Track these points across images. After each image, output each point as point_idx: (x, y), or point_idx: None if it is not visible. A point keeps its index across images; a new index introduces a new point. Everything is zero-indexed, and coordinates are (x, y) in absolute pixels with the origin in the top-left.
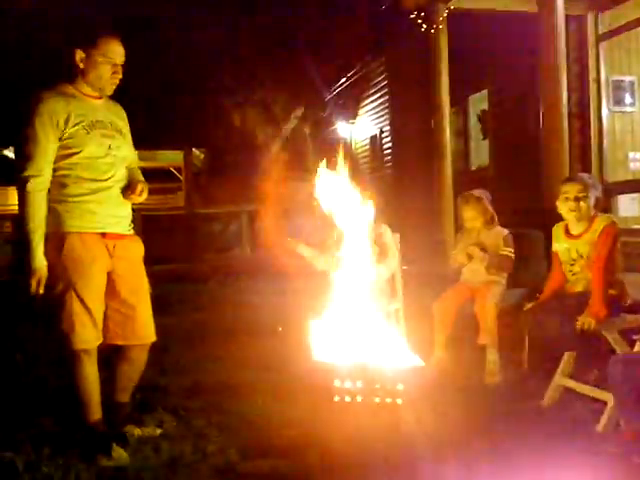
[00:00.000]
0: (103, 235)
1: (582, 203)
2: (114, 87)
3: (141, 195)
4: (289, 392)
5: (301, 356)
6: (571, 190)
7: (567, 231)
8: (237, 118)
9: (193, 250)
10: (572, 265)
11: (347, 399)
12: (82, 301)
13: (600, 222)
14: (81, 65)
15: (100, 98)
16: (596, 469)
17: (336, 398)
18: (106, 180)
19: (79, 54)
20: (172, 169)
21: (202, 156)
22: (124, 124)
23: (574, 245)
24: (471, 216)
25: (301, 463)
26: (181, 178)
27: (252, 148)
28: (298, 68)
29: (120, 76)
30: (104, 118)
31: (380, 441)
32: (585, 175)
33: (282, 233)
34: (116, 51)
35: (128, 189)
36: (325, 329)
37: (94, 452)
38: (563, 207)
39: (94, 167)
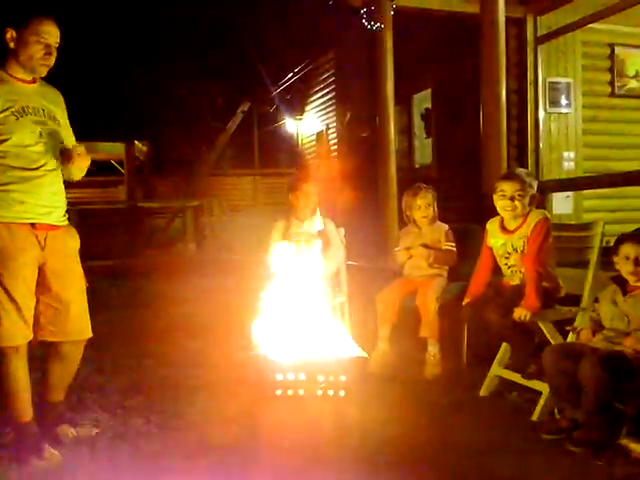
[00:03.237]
0: (33, 226)
1: (517, 202)
2: (46, 69)
3: (81, 156)
4: (230, 388)
5: (243, 351)
6: (508, 189)
7: (503, 226)
8: (182, 111)
9: (134, 245)
10: (507, 259)
11: (289, 392)
12: (9, 295)
13: (534, 217)
14: (11, 45)
15: (33, 82)
16: (532, 456)
17: (278, 392)
18: (36, 169)
19: (10, 33)
20: (113, 162)
21: (145, 149)
22: (60, 110)
23: (509, 240)
24: (423, 204)
25: (243, 459)
26: (123, 171)
27: (197, 142)
28: (245, 62)
29: (53, 58)
30: (37, 104)
31: (323, 434)
32: (523, 172)
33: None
34: (49, 32)
35: (65, 160)
36: (267, 323)
37: (26, 453)
38: (498, 203)
39: (23, 155)
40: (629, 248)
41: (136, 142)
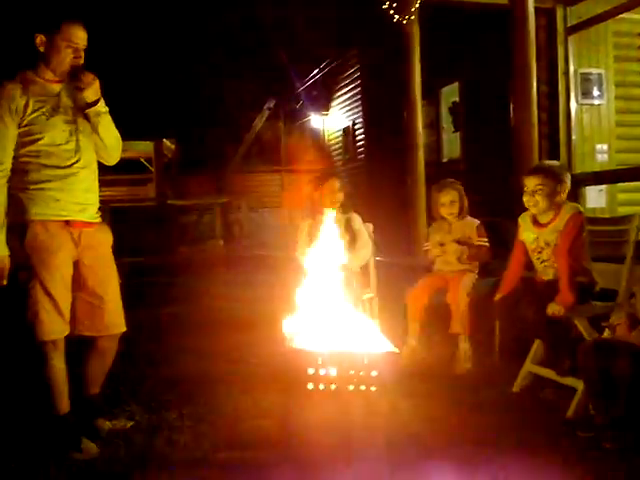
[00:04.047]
0: (67, 223)
1: (537, 197)
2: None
3: (87, 77)
4: (263, 382)
5: (275, 346)
6: (529, 184)
7: (535, 220)
8: (209, 109)
9: (165, 242)
10: (539, 253)
11: (321, 387)
12: (47, 291)
13: (566, 211)
14: (41, 49)
15: (62, 81)
16: (567, 454)
17: (310, 386)
18: (69, 167)
19: (40, 38)
20: (142, 160)
21: (173, 147)
22: None
23: (541, 234)
24: (447, 201)
25: (275, 453)
26: (152, 169)
27: (224, 139)
28: (271, 59)
29: (82, 61)
30: (66, 103)
31: (354, 428)
32: (546, 165)
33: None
34: (78, 36)
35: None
36: (299, 319)
37: (64, 445)
38: (523, 198)
39: (56, 154)
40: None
41: (164, 140)
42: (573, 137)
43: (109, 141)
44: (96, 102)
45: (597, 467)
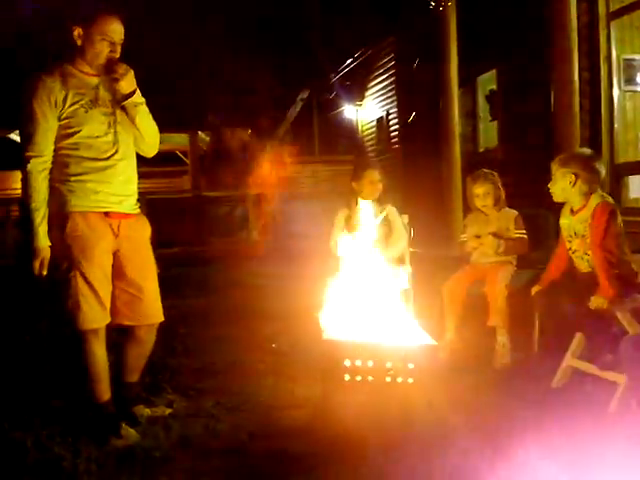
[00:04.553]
0: (107, 214)
1: (561, 184)
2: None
3: (120, 68)
4: (299, 372)
5: (311, 337)
6: (554, 171)
7: (571, 208)
8: (243, 100)
9: (200, 233)
10: (570, 242)
11: (358, 378)
12: (87, 281)
13: (594, 201)
14: (79, 42)
15: (99, 75)
16: (610, 450)
17: (347, 377)
18: (108, 159)
19: (77, 31)
20: (178, 152)
21: (207, 139)
22: None
23: (573, 222)
24: (481, 193)
25: (311, 443)
26: (187, 161)
27: (258, 131)
28: (305, 48)
29: (118, 55)
30: (104, 95)
31: (391, 421)
32: (577, 153)
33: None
34: (115, 30)
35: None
36: (336, 309)
37: (104, 432)
38: (549, 186)
39: (95, 146)
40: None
41: (199, 132)
42: (615, 125)
43: (147, 132)
44: (132, 93)
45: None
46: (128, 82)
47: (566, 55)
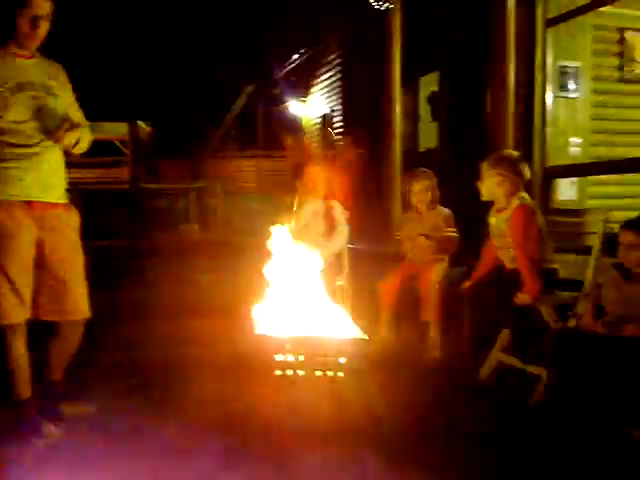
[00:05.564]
0: (30, 204)
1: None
2: (37, 43)
3: (67, 135)
4: (231, 367)
5: (244, 332)
6: (484, 171)
7: (497, 207)
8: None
9: (137, 226)
10: (495, 240)
11: (289, 373)
12: (6, 274)
13: (514, 202)
14: (9, 22)
15: (32, 57)
16: (530, 439)
17: (278, 372)
18: (33, 145)
19: (8, 10)
20: (117, 143)
21: (148, 129)
22: (60, 85)
23: (498, 221)
24: (417, 190)
25: (243, 437)
26: (126, 152)
27: (201, 124)
28: (250, 43)
29: (41, 31)
30: (34, 79)
31: (322, 414)
32: (503, 154)
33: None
34: (36, 3)
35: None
36: (268, 304)
37: (25, 431)
38: (478, 184)
39: (20, 132)
40: (632, 236)
41: (139, 122)
42: (548, 129)
43: (76, 150)
44: (76, 144)
45: (559, 451)
46: (69, 138)
47: (502, 59)
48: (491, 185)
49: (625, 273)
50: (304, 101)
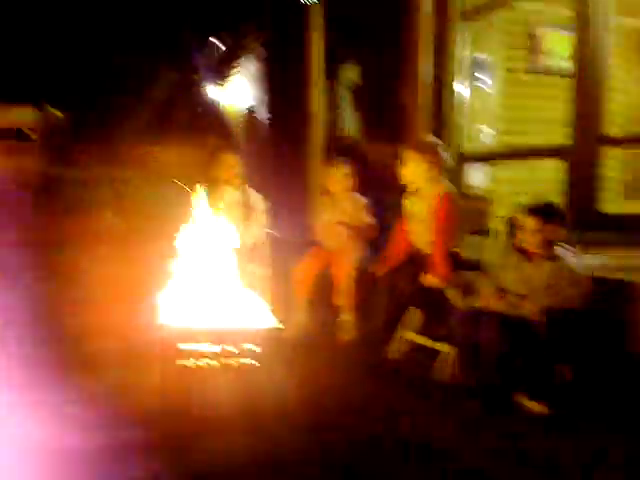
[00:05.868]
0: None
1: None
2: None
3: None
4: (141, 360)
5: (153, 323)
6: (405, 156)
7: (416, 190)
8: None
9: (46, 215)
10: (409, 223)
11: (201, 363)
12: None
13: (439, 188)
14: None
15: None
16: (435, 415)
17: (186, 362)
18: None
19: None
20: (24, 128)
21: (61, 115)
22: None
23: (416, 204)
24: (335, 178)
25: (157, 432)
26: (34, 137)
27: (119, 110)
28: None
29: None
30: None
31: (236, 404)
32: (423, 140)
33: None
34: None
35: None
36: (178, 295)
37: None
38: (400, 170)
39: None
40: (531, 220)
41: (49, 107)
42: (461, 119)
43: None
44: None
45: (458, 424)
46: None
47: (416, 50)
48: (414, 169)
49: (524, 254)
50: (225, 87)
